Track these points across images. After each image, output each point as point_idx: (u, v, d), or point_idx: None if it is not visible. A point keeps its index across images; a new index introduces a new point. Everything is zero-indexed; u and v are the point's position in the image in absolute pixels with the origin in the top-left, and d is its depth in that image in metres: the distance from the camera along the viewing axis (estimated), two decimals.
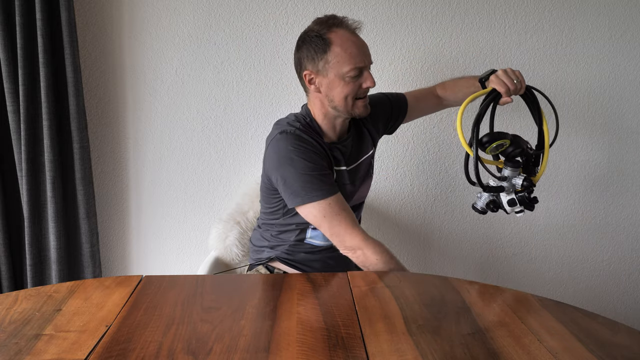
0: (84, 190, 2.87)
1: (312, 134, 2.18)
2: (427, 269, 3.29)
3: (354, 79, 2.11)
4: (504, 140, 1.99)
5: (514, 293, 1.85)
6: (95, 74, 2.95)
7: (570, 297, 3.40)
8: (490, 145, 1.97)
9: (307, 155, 2.09)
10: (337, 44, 2.09)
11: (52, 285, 1.89)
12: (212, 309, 1.72)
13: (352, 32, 2.14)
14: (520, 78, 2.07)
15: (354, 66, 2.08)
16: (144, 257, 3.18)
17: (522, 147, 2.02)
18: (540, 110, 2.14)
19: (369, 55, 2.15)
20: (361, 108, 2.18)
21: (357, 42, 2.12)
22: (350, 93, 2.13)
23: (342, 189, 2.20)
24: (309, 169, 2.08)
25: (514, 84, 2.05)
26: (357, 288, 1.86)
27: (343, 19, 2.16)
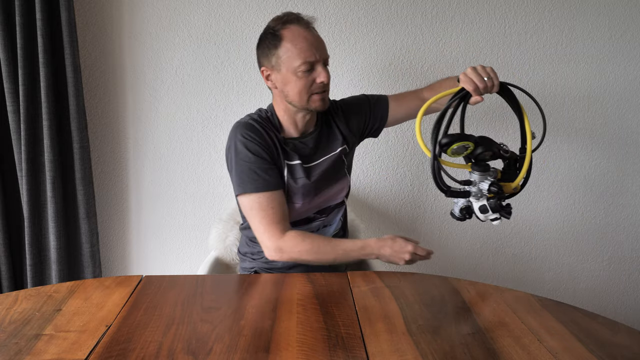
0: (84, 190, 2.87)
1: (267, 127, 2.22)
2: (427, 269, 3.29)
3: (306, 73, 2.11)
4: (466, 142, 1.85)
5: (514, 293, 1.85)
6: (95, 74, 2.95)
7: (570, 297, 3.40)
8: (450, 147, 1.82)
9: (250, 146, 2.14)
10: (288, 39, 2.11)
11: (52, 285, 1.90)
12: (212, 309, 1.72)
13: (304, 27, 2.14)
14: (491, 75, 1.97)
15: (304, 60, 2.09)
16: (144, 257, 3.18)
17: (492, 150, 1.90)
18: (520, 109, 2.04)
19: (322, 50, 2.14)
20: (317, 102, 2.18)
21: (308, 37, 2.11)
22: (303, 88, 2.13)
23: (294, 182, 2.23)
24: (248, 159, 2.14)
25: (484, 81, 1.94)
26: (357, 288, 1.86)
27: (297, 15, 2.17)
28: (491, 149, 1.90)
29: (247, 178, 2.14)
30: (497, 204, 1.92)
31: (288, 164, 2.22)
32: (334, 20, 2.93)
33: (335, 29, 2.94)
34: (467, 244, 3.29)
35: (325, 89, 2.17)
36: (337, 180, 2.36)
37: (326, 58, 2.15)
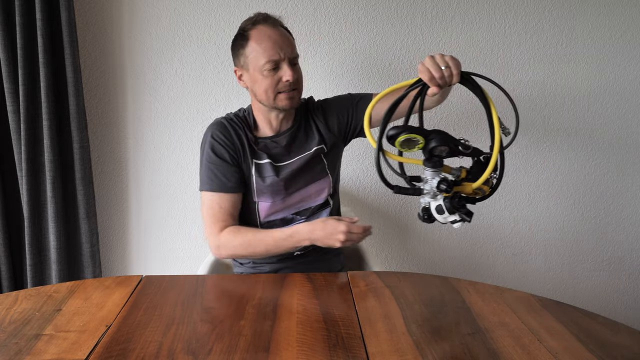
0: (84, 190, 2.87)
1: (239, 127, 2.28)
2: (427, 269, 3.29)
3: (272, 72, 2.14)
4: (415, 135, 1.70)
5: (514, 293, 1.85)
6: (95, 74, 2.95)
7: (570, 297, 3.40)
8: (397, 139, 1.69)
9: (215, 147, 2.24)
10: (254, 38, 2.15)
11: (52, 285, 1.90)
12: (212, 309, 1.72)
13: (271, 26, 2.16)
14: (450, 64, 1.79)
15: (268, 59, 2.11)
16: (144, 257, 3.18)
17: (447, 145, 1.73)
18: (487, 101, 1.87)
19: (287, 48, 2.15)
20: (284, 101, 2.19)
21: (273, 36, 2.14)
22: (269, 87, 2.16)
23: (261, 181, 2.25)
24: (210, 160, 2.24)
25: (440, 70, 1.77)
26: (357, 288, 1.86)
27: (265, 15, 2.20)
28: (446, 144, 1.74)
29: (206, 177, 2.23)
30: (455, 204, 1.74)
31: (256, 163, 2.25)
32: (334, 20, 2.93)
33: (335, 28, 2.94)
34: (467, 243, 3.29)
35: (294, 88, 2.19)
36: (314, 180, 2.35)
37: (294, 57, 2.18)
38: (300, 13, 2.91)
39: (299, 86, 2.22)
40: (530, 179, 3.21)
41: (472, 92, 1.90)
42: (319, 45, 2.95)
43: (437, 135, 1.74)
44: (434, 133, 1.74)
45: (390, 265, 3.28)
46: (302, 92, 2.28)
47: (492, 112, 1.85)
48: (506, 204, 3.24)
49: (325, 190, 2.37)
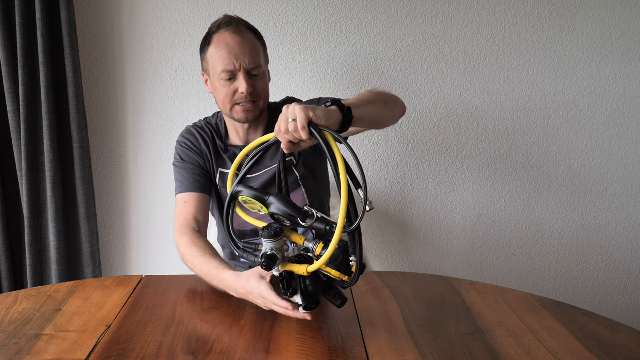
0: (84, 190, 2.87)
1: (208, 133, 2.25)
2: (427, 269, 3.29)
3: (228, 82, 2.06)
4: (251, 199, 1.58)
5: (514, 293, 1.85)
6: (95, 74, 2.95)
7: (570, 297, 3.40)
8: (239, 197, 1.61)
9: (181, 148, 2.23)
10: (214, 44, 2.08)
11: (52, 285, 1.90)
12: (212, 309, 1.72)
13: (232, 32, 2.07)
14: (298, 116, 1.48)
15: (223, 68, 2.04)
16: (144, 257, 3.18)
17: (287, 216, 1.55)
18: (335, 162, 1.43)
19: (245, 58, 2.05)
20: (240, 114, 2.11)
21: (231, 44, 2.05)
22: (226, 97, 2.09)
23: (225, 191, 2.22)
24: (178, 163, 2.21)
25: (287, 123, 1.51)
26: (357, 288, 1.86)
27: (231, 18, 2.11)
28: (287, 215, 1.55)
29: (176, 182, 2.19)
30: (286, 285, 1.54)
31: (222, 172, 2.22)
32: (333, 20, 2.93)
33: (335, 29, 2.94)
34: (467, 243, 3.29)
35: (253, 100, 2.09)
36: (294, 192, 2.25)
37: (253, 67, 2.07)
38: (299, 13, 2.91)
39: (259, 98, 2.12)
40: (530, 178, 3.21)
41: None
42: (319, 46, 2.95)
43: (275, 201, 1.57)
44: (272, 198, 1.57)
45: (390, 265, 3.28)
46: (266, 103, 2.18)
47: (342, 181, 1.40)
48: (506, 203, 3.24)
49: (299, 202, 2.23)
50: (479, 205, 3.22)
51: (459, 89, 3.06)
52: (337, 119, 1.55)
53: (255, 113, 2.13)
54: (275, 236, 1.54)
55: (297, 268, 1.53)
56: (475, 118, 3.10)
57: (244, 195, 1.59)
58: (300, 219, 1.53)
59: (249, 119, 2.13)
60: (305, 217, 1.53)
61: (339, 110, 1.58)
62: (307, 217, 1.52)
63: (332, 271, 1.50)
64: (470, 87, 3.06)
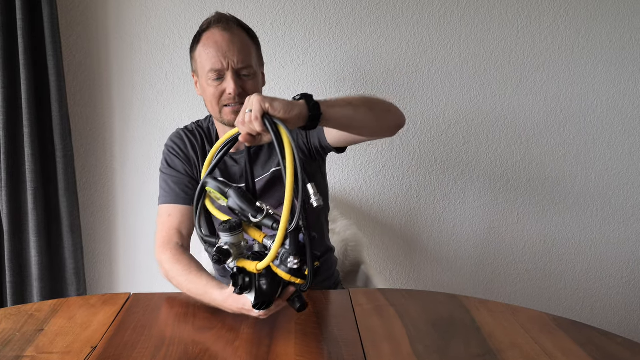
0: (67, 202, 2.87)
1: (197, 136, 2.26)
2: (435, 286, 3.29)
3: (216, 82, 2.07)
4: (213, 191, 1.66)
5: (527, 312, 1.86)
6: (80, 78, 2.96)
7: (587, 317, 3.40)
8: (208, 187, 1.68)
9: (168, 153, 2.25)
10: (202, 42, 2.10)
11: (34, 303, 1.90)
12: (205, 329, 1.73)
13: (221, 30, 2.08)
14: (255, 106, 1.53)
15: (210, 67, 2.06)
16: (132, 273, 3.18)
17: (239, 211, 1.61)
18: (283, 155, 1.47)
19: (234, 57, 2.05)
20: (229, 116, 2.10)
21: (219, 42, 2.06)
22: (213, 98, 2.09)
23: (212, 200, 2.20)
24: (164, 170, 2.24)
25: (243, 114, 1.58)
26: (360, 306, 1.86)
27: (221, 16, 2.13)
28: (240, 209, 1.61)
29: (161, 190, 2.22)
30: (239, 282, 1.60)
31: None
32: (334, 20, 2.94)
33: (337, 29, 2.95)
34: (477, 259, 3.30)
35: (240, 101, 2.06)
36: (280, 204, 2.23)
37: (242, 67, 2.07)
38: (298, 13, 2.92)
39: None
40: (544, 189, 3.22)
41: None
42: (319, 47, 2.96)
43: (232, 194, 1.64)
44: (231, 191, 1.64)
45: (395, 282, 3.28)
46: None
47: (288, 174, 1.45)
48: (519, 216, 3.24)
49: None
50: (489, 219, 3.23)
51: (468, 93, 3.06)
52: (299, 112, 1.58)
53: None
54: (230, 230, 1.59)
55: (249, 264, 1.56)
56: (486, 125, 3.11)
57: (209, 186, 1.67)
58: (251, 214, 1.57)
59: None
60: (257, 212, 1.57)
61: (306, 105, 1.61)
62: (258, 213, 1.57)
63: (282, 273, 1.52)
64: (480, 91, 3.07)
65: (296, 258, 1.50)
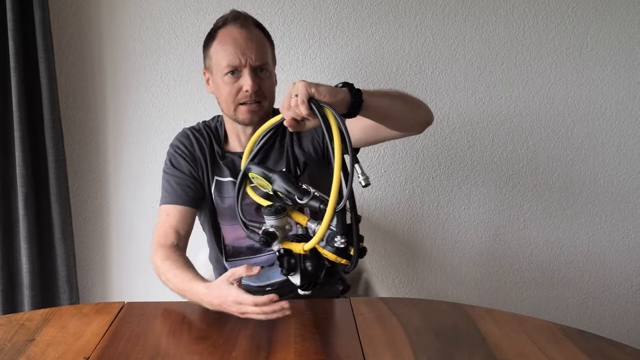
0: (59, 208, 2.87)
1: (205, 137, 2.27)
2: (439, 295, 3.29)
3: (232, 79, 2.11)
4: (257, 176, 1.74)
5: (534, 321, 1.86)
6: (72, 80, 2.96)
7: (596, 326, 3.39)
8: (252, 173, 1.76)
9: (174, 153, 2.26)
10: (219, 39, 2.14)
11: (25, 312, 1.90)
12: (201, 339, 1.73)
13: (239, 27, 2.12)
14: (301, 91, 1.60)
15: (227, 63, 2.09)
16: (126, 282, 3.18)
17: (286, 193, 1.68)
18: (331, 137, 1.53)
19: (251, 54, 2.10)
20: (244, 114, 2.15)
21: (237, 38, 2.10)
22: (229, 96, 2.13)
23: (220, 201, 2.24)
24: (168, 170, 2.25)
25: (289, 99, 1.63)
26: (361, 316, 1.86)
27: (238, 13, 2.17)
28: (287, 192, 1.69)
29: (163, 190, 2.23)
30: (285, 263, 1.67)
31: (217, 180, 2.24)
32: (335, 20, 2.95)
33: (337, 30, 2.95)
34: (482, 267, 3.29)
35: (257, 100, 2.13)
36: None
37: (259, 65, 2.12)
38: (297, 12, 2.92)
39: (264, 99, 2.16)
40: (552, 195, 3.22)
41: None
42: (319, 48, 2.97)
43: (277, 178, 1.71)
44: (276, 175, 1.72)
45: (398, 291, 3.28)
46: (272, 104, 2.23)
47: (336, 155, 1.49)
48: (525, 223, 3.24)
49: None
50: (495, 225, 3.23)
51: (473, 96, 3.06)
52: (343, 98, 1.68)
53: (260, 114, 2.16)
54: (276, 213, 1.68)
55: (295, 246, 1.64)
56: (492, 128, 3.11)
57: (252, 172, 1.74)
58: (298, 197, 1.65)
59: (254, 120, 2.16)
60: (303, 194, 1.64)
61: (348, 91, 1.72)
62: (304, 195, 1.64)
63: (328, 254, 1.59)
64: (485, 94, 3.08)
65: (343, 237, 1.56)
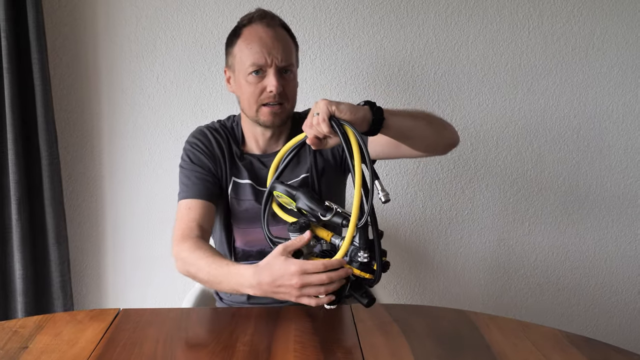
0: (53, 212, 2.87)
1: (223, 137, 2.28)
2: (441, 301, 3.29)
3: (256, 78, 2.11)
4: (281, 194, 1.84)
5: (539, 328, 1.86)
6: (67, 82, 2.96)
7: (602, 333, 3.39)
8: (276, 191, 1.86)
9: (191, 149, 2.26)
10: (244, 37, 2.14)
11: (18, 319, 1.90)
12: (199, 347, 1.73)
13: (265, 26, 2.12)
14: (321, 109, 1.67)
15: (252, 62, 2.09)
16: (122, 288, 3.18)
17: (309, 210, 1.78)
18: (351, 155, 1.64)
19: (278, 54, 2.10)
20: (267, 116, 2.15)
21: (264, 37, 2.11)
22: (252, 96, 2.13)
23: (236, 204, 2.24)
24: (187, 166, 2.24)
25: (311, 117, 1.73)
26: (362, 323, 1.86)
27: (264, 12, 2.17)
28: (310, 209, 1.78)
29: (182, 186, 2.21)
30: None
31: (235, 182, 2.24)
32: (335, 20, 2.95)
33: (337, 30, 2.96)
34: (486, 272, 3.29)
35: (280, 102, 2.14)
36: None
37: (284, 66, 2.13)
38: (297, 12, 2.92)
39: (287, 101, 2.18)
40: (557, 199, 3.22)
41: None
42: (319, 49, 2.97)
43: (301, 196, 1.81)
44: (299, 193, 1.82)
45: (400, 297, 3.28)
46: (293, 108, 2.24)
47: (356, 171, 1.62)
48: (530, 227, 3.24)
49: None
50: (499, 230, 3.23)
51: (476, 98, 3.07)
52: (364, 115, 1.72)
53: (282, 117, 2.18)
54: (300, 230, 1.76)
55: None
56: (496, 130, 3.11)
57: (276, 190, 1.84)
58: (321, 214, 1.75)
59: (276, 122, 2.18)
60: (326, 211, 1.75)
61: (370, 109, 1.74)
62: (327, 212, 1.74)
63: (352, 268, 1.70)
64: (489, 95, 3.08)
65: (366, 252, 1.69)
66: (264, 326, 1.85)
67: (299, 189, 1.82)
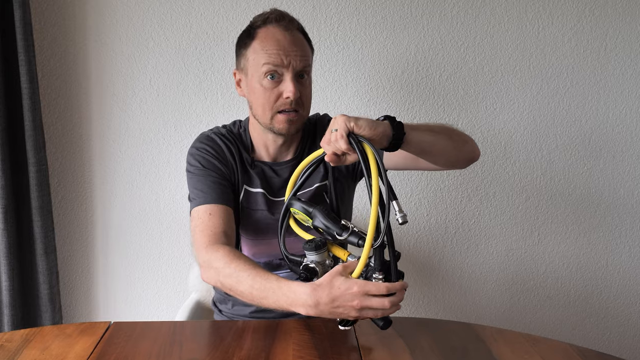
0: (41, 221, 2.87)
1: (232, 143, 2.22)
2: (447, 314, 3.29)
3: (272, 83, 2.06)
4: (298, 211, 1.87)
5: (548, 342, 1.86)
6: (55, 84, 2.96)
7: (615, 348, 3.39)
8: (293, 208, 1.88)
9: (201, 154, 2.19)
10: (259, 38, 2.09)
11: (4, 333, 1.90)
12: None
13: (282, 28, 2.08)
14: (340, 125, 1.71)
15: (268, 66, 2.04)
16: (113, 300, 3.18)
17: (325, 228, 1.81)
18: (369, 173, 1.67)
19: (295, 57, 2.07)
20: (282, 124, 2.11)
21: (281, 39, 2.07)
22: (267, 102, 2.09)
23: (250, 213, 2.21)
24: (196, 168, 2.17)
25: (329, 133, 1.76)
26: (364, 337, 1.86)
27: (281, 13, 2.13)
28: (326, 228, 1.81)
29: (195, 192, 2.14)
30: None
31: (247, 190, 2.21)
32: (336, 21, 2.95)
33: (338, 31, 2.96)
34: (493, 284, 3.29)
35: (296, 109, 2.10)
36: None
37: (301, 69, 2.09)
38: (296, 12, 2.90)
39: (302, 108, 2.14)
40: (568, 207, 3.22)
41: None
42: (319, 50, 2.96)
43: (317, 214, 1.84)
44: (316, 211, 1.84)
45: (404, 310, 3.26)
46: (308, 115, 2.20)
47: (374, 192, 1.64)
48: (540, 237, 3.24)
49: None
50: (507, 239, 3.23)
51: (483, 101, 3.07)
52: (383, 131, 1.74)
53: (297, 125, 2.15)
54: (316, 249, 1.78)
55: None
56: (504, 136, 3.11)
57: (293, 207, 1.87)
58: (337, 233, 1.78)
59: (291, 130, 2.14)
60: (342, 230, 1.77)
61: (390, 125, 1.75)
62: (343, 231, 1.77)
63: None
64: (497, 99, 3.08)
65: (381, 273, 1.67)
66: (261, 340, 1.85)
67: (315, 206, 1.84)
